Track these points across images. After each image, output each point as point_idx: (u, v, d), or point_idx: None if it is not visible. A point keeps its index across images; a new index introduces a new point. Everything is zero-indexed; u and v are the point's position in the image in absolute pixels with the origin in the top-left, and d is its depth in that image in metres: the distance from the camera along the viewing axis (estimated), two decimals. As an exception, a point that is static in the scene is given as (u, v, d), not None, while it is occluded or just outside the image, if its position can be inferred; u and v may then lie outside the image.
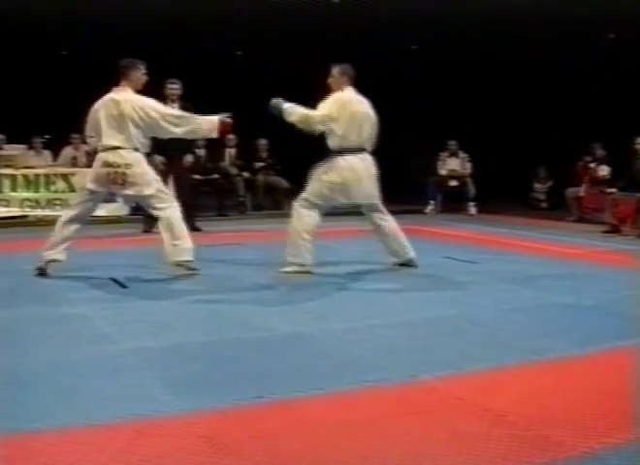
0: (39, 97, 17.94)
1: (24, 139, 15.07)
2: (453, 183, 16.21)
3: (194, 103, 11.74)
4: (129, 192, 8.08)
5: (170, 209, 8.07)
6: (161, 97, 10.66)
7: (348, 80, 8.67)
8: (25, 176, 13.82)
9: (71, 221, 8.04)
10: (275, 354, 5.23)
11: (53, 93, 17.75)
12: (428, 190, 16.17)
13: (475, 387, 4.52)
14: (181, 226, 8.09)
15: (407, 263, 8.62)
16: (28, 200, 13.79)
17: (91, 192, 8.14)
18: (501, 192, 16.87)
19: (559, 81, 17.50)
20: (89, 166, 14.59)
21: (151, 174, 8.11)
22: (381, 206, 8.59)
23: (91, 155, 14.77)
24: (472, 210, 15.74)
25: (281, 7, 14.95)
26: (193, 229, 11.58)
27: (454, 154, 16.48)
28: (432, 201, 16.05)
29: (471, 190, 15.92)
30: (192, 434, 3.74)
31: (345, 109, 8.24)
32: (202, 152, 14.95)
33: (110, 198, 9.71)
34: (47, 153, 15.38)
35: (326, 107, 8.28)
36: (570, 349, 5.34)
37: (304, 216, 8.29)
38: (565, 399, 4.26)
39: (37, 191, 13.81)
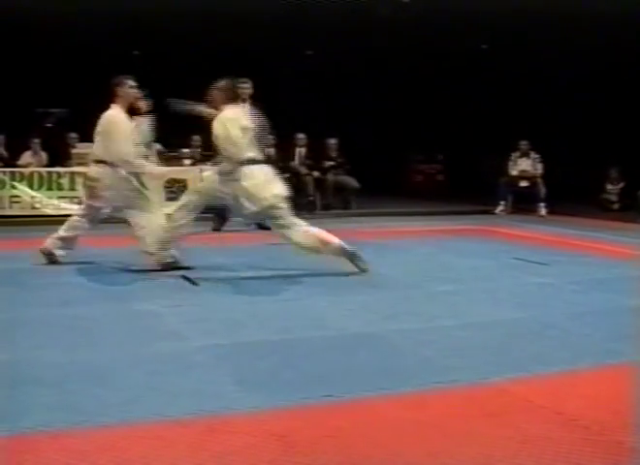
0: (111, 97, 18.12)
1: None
2: (524, 184, 16.05)
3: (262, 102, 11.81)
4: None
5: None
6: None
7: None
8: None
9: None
10: (346, 353, 5.23)
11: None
12: (498, 190, 16.03)
13: (547, 391, 4.48)
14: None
15: None
16: (100, 197, 13.94)
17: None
18: (572, 193, 16.66)
19: (633, 81, 17.24)
20: (160, 164, 14.79)
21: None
22: None
23: (160, 155, 14.97)
24: (543, 211, 15.56)
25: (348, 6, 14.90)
26: (262, 227, 11.63)
27: (525, 154, 16.32)
28: (502, 202, 15.90)
29: (542, 191, 15.74)
30: (263, 431, 3.76)
31: None
32: (272, 151, 14.99)
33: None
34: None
35: None
36: (644, 353, 5.26)
37: None
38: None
39: (109, 189, 13.95)
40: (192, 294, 7.22)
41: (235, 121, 7.84)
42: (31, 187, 13.75)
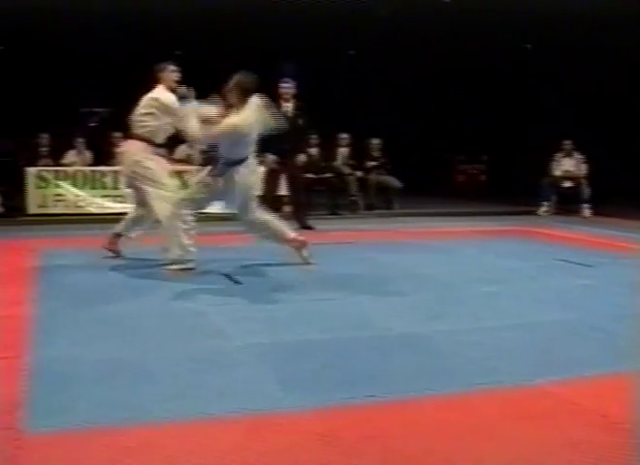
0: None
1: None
2: (567, 184, 15.93)
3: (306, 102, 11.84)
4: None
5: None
6: (275, 96, 10.76)
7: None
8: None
9: None
10: (389, 353, 5.22)
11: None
12: (541, 191, 15.92)
13: (591, 394, 4.45)
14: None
15: None
16: (144, 196, 14.03)
17: None
18: (617, 194, 16.53)
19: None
20: (202, 164, 14.89)
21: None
22: None
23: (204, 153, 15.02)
24: (586, 212, 15.45)
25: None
26: (305, 227, 11.65)
27: (569, 154, 16.20)
28: (545, 203, 15.79)
29: (586, 191, 15.62)
30: (306, 431, 3.77)
31: None
32: (315, 151, 15.03)
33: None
34: (162, 151, 15.57)
35: None
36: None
37: None
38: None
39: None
40: (235, 292, 7.24)
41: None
42: (75, 186, 13.84)
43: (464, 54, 18.84)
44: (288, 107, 11.71)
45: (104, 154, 15.06)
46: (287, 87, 11.89)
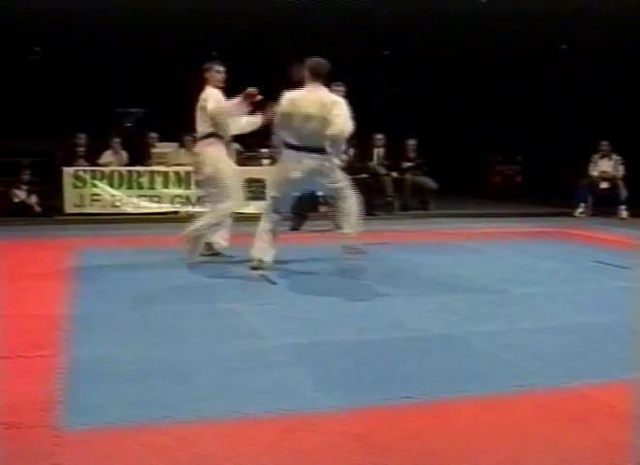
0: (190, 96, 18.34)
1: (176, 138, 15.42)
2: (604, 185, 15.81)
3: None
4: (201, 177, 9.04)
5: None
6: None
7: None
8: (177, 174, 14.11)
9: None
10: (425, 355, 5.22)
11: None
12: (578, 192, 15.80)
13: (629, 397, 4.40)
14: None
15: None
16: (179, 196, 14.08)
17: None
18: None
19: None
20: (239, 164, 14.93)
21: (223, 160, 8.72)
22: None
23: (239, 155, 15.06)
24: (624, 214, 15.32)
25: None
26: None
27: (606, 155, 16.08)
28: (582, 204, 15.67)
29: (623, 193, 15.48)
30: (342, 432, 3.77)
31: None
32: (350, 152, 15.00)
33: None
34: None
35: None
36: None
37: None
38: None
39: (188, 188, 14.08)
40: (271, 293, 7.25)
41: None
42: (111, 185, 13.90)
43: (500, 54, 18.77)
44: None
45: (140, 154, 15.16)
46: (339, 90, 11.53)
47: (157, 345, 5.37)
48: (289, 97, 7.83)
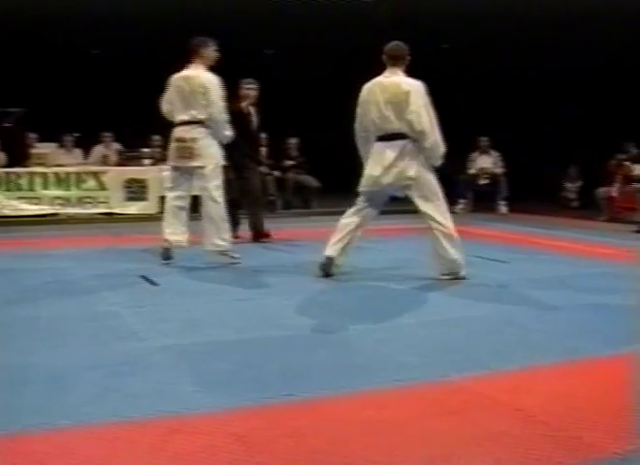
0: (69, 96, 18.06)
1: (55, 138, 15.17)
2: (483, 182, 16.11)
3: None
4: (195, 163, 8.46)
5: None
6: (236, 97, 10.65)
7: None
8: (56, 174, 13.91)
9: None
10: (306, 352, 5.22)
11: (84, 92, 17.86)
12: (458, 188, 16.06)
13: (506, 388, 4.49)
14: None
15: None
16: (59, 198, 13.87)
17: (175, 168, 8.72)
18: (532, 191, 16.78)
19: (591, 80, 17.40)
20: (120, 164, 14.74)
21: (215, 149, 8.57)
22: None
23: (122, 154, 14.90)
24: (503, 209, 15.65)
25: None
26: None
27: (485, 152, 16.40)
28: (462, 200, 15.95)
29: (504, 189, 15.82)
30: (223, 432, 3.75)
31: None
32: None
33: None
34: (77, 151, 15.48)
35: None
36: (603, 349, 5.30)
37: None
38: (598, 400, 4.23)
39: (68, 189, 13.89)
40: (152, 294, 7.20)
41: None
42: (-11, 187, 13.64)
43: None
44: (250, 108, 11.21)
45: (18, 155, 14.85)
46: (250, 88, 11.29)
47: (31, 351, 5.23)
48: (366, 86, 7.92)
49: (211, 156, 8.49)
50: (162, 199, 9.41)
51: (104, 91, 16.24)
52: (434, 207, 7.71)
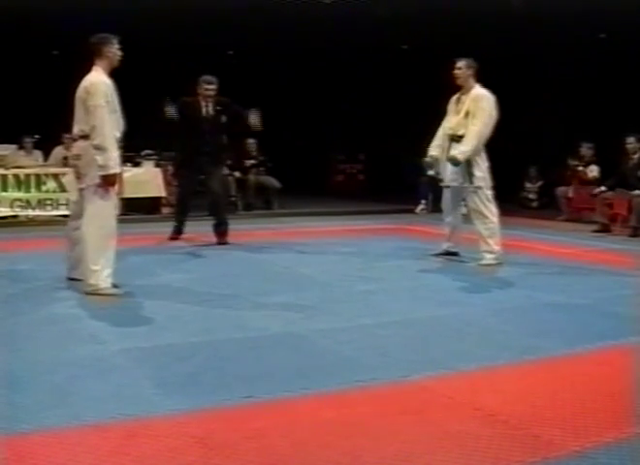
0: (29, 97, 17.93)
1: (15, 139, 15.03)
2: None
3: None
4: (82, 185, 7.19)
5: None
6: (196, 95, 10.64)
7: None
8: (16, 176, 13.76)
9: None
10: (267, 354, 5.22)
11: (44, 93, 17.70)
12: (419, 190, 16.13)
13: (466, 387, 4.53)
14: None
15: None
16: (19, 200, 13.74)
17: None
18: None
19: (550, 80, 17.53)
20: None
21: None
22: None
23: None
24: (463, 210, 15.68)
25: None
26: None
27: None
28: (423, 201, 16.02)
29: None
30: (183, 434, 3.74)
31: None
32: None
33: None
34: (37, 153, 15.34)
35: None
36: (562, 348, 5.36)
37: None
38: (557, 398, 4.27)
39: (28, 191, 13.77)
40: (112, 297, 7.14)
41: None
42: None
43: (334, 56, 18.93)
44: (209, 106, 11.08)
45: None
46: (209, 88, 11.14)
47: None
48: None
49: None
50: (122, 200, 9.31)
51: (64, 92, 16.07)
52: None
